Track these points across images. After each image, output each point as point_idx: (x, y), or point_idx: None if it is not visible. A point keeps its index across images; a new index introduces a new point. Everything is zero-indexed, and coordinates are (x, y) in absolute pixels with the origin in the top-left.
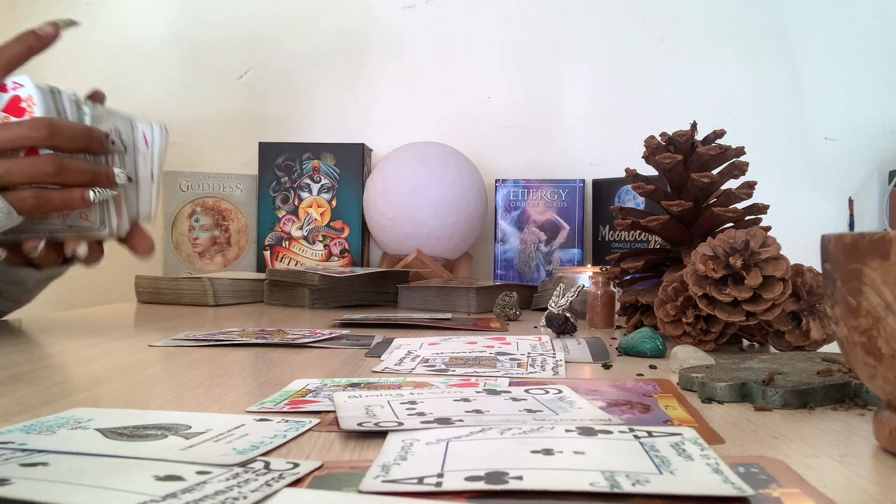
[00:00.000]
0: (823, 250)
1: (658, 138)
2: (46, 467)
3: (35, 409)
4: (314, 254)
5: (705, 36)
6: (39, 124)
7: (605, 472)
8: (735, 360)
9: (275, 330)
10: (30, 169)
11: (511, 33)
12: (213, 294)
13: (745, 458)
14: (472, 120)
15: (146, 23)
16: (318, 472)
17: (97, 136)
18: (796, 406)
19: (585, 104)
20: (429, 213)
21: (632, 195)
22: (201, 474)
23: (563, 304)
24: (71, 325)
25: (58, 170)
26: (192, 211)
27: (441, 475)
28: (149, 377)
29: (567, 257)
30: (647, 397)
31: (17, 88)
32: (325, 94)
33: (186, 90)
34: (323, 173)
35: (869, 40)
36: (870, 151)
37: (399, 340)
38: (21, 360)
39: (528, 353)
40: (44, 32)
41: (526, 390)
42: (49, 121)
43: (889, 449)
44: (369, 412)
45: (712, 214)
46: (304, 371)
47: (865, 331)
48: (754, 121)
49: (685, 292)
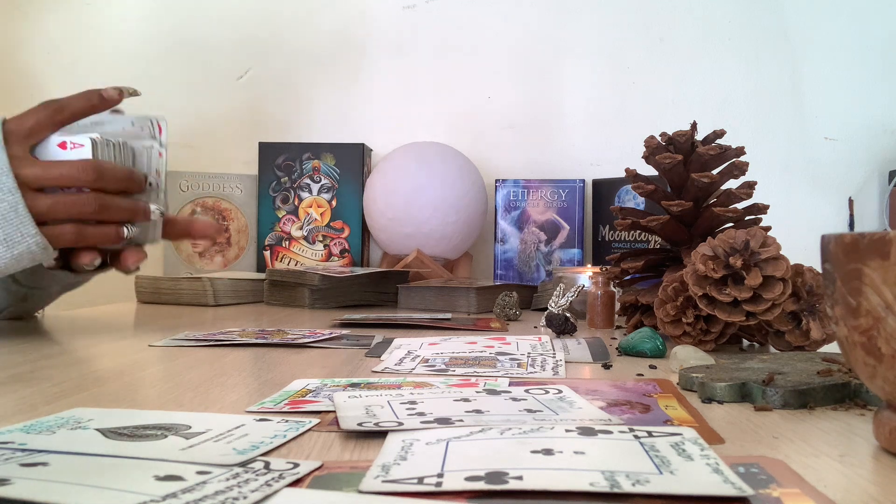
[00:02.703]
0: (823, 250)
1: (658, 138)
2: (46, 467)
3: (35, 409)
4: (314, 254)
5: (705, 36)
6: (87, 167)
7: (605, 472)
8: (735, 360)
9: (275, 330)
10: (73, 206)
11: (511, 33)
12: (213, 294)
13: (745, 458)
14: (472, 120)
15: (146, 23)
16: (318, 472)
17: (137, 179)
18: (796, 406)
19: (585, 104)
20: (429, 213)
21: (632, 195)
22: (201, 474)
23: (563, 304)
24: (71, 325)
25: (100, 209)
26: (192, 211)
27: (441, 475)
28: (149, 377)
29: (567, 257)
30: (647, 397)
31: (75, 149)
32: (325, 94)
33: (186, 90)
34: (323, 173)
35: (869, 40)
36: (870, 151)
37: (399, 340)
38: (21, 360)
39: (528, 353)
40: (108, 96)
41: (526, 390)
42: (96, 164)
43: (889, 449)
44: (369, 412)
45: (712, 214)
46: (304, 371)
47: (865, 331)
48: (754, 121)
49: (685, 292)
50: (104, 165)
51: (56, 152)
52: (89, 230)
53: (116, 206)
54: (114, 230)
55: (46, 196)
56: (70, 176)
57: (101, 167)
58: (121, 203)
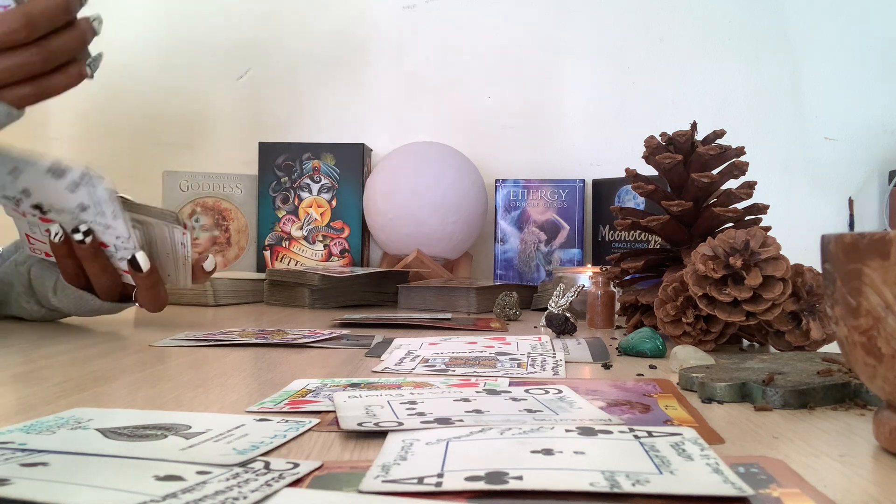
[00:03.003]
0: (823, 250)
1: (658, 138)
2: (46, 467)
3: (35, 409)
4: (314, 254)
5: (705, 36)
6: (16, 21)
7: (605, 472)
8: (735, 360)
9: (275, 330)
10: (19, 70)
11: (511, 33)
12: (213, 294)
13: (745, 458)
14: (472, 120)
15: (146, 23)
16: (318, 472)
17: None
18: (796, 406)
19: (585, 104)
20: (429, 213)
21: (632, 195)
22: (201, 474)
23: (563, 304)
24: (71, 325)
25: (47, 58)
26: (192, 211)
27: (441, 475)
28: (149, 377)
29: (567, 257)
30: (647, 397)
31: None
32: (325, 94)
33: (187, 90)
34: (323, 173)
35: (869, 40)
36: (870, 151)
37: (399, 340)
38: (21, 360)
39: (528, 353)
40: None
41: (526, 390)
42: (23, 12)
43: (889, 449)
44: (369, 412)
45: (712, 214)
46: (304, 371)
47: (865, 331)
48: (754, 121)
49: (685, 292)
50: (32, 11)
51: None
52: (51, 82)
53: (63, 47)
54: (75, 72)
55: None
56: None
57: (29, 16)
58: (67, 42)
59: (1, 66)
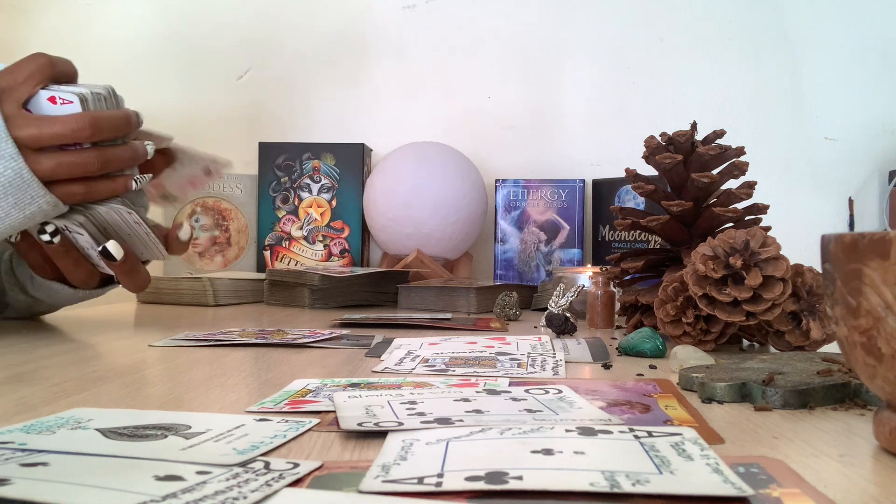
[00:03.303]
0: (823, 250)
1: (658, 138)
2: (46, 467)
3: (35, 409)
4: (314, 254)
5: (705, 36)
6: (83, 124)
7: (605, 472)
8: (735, 360)
9: (275, 330)
10: (76, 167)
11: (511, 33)
12: (213, 294)
13: (745, 458)
14: (472, 120)
15: (146, 23)
16: (318, 472)
17: (134, 119)
18: (796, 406)
19: (585, 104)
20: (429, 213)
21: (632, 195)
22: (201, 474)
23: (563, 304)
24: (71, 325)
25: (103, 165)
26: (192, 211)
27: (441, 475)
28: (149, 377)
29: (567, 257)
30: (647, 397)
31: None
32: (325, 94)
33: (186, 90)
34: (323, 173)
35: (869, 40)
36: (870, 151)
37: (399, 340)
38: (21, 360)
39: (528, 353)
40: None
41: (526, 390)
42: (91, 118)
43: (889, 449)
44: (369, 412)
45: (712, 214)
46: (304, 371)
47: (865, 331)
48: (754, 121)
49: (685, 292)
50: (99, 117)
51: (46, 107)
52: (99, 185)
53: (118, 157)
54: (122, 181)
55: (48, 157)
56: (67, 135)
57: (96, 120)
58: (122, 153)
59: (62, 161)
